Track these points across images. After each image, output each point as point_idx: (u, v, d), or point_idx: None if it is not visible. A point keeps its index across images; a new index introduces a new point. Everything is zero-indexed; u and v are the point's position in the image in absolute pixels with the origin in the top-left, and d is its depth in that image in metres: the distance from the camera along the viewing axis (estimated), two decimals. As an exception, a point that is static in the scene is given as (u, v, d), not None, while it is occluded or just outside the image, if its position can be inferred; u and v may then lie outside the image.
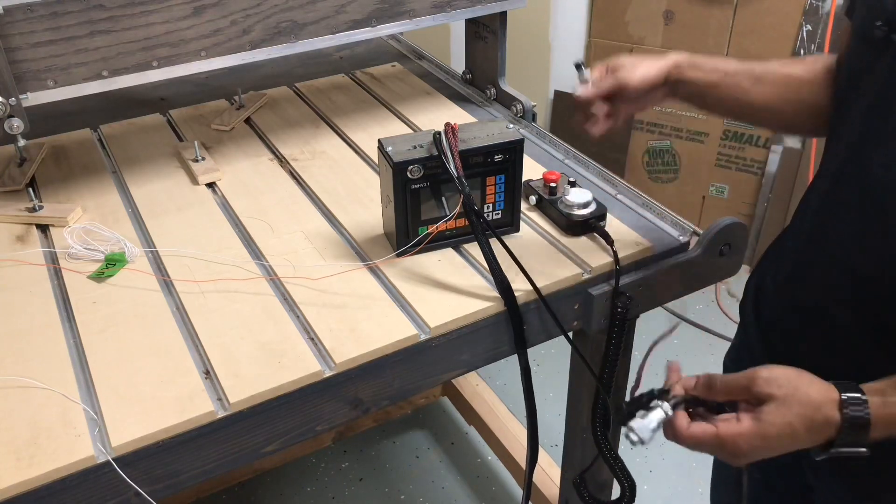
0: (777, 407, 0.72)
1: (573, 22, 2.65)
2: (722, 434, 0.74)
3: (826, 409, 0.71)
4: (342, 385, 0.88)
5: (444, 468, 2.02)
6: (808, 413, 0.72)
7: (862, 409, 0.71)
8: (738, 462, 0.76)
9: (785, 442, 0.72)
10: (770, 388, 0.73)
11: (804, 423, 0.72)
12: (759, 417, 0.73)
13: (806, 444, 0.73)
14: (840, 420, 0.71)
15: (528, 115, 1.40)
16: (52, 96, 1.04)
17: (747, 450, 0.73)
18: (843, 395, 0.71)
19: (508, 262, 0.94)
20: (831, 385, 0.74)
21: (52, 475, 0.75)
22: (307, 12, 1.16)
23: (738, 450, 0.73)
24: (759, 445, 0.73)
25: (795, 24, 2.29)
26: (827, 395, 0.72)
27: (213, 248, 1.06)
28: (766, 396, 0.73)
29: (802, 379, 0.74)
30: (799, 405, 0.72)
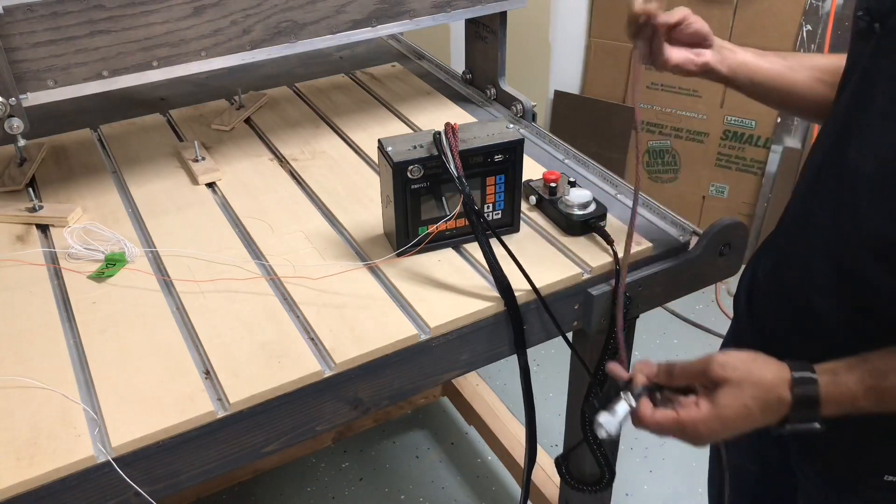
0: (732, 390, 0.76)
1: (573, 22, 2.65)
2: (682, 419, 0.77)
3: (778, 390, 0.75)
4: (342, 385, 0.88)
5: (444, 468, 2.02)
6: (761, 395, 0.75)
7: (812, 389, 0.74)
8: (700, 444, 0.79)
9: (741, 423, 0.76)
10: (725, 372, 0.76)
11: (758, 404, 0.75)
12: (715, 402, 0.76)
13: (761, 423, 0.77)
14: (791, 399, 0.75)
15: (528, 115, 1.40)
16: (52, 96, 1.04)
17: (706, 433, 0.77)
18: (794, 375, 0.75)
19: (508, 262, 0.94)
20: (784, 365, 0.77)
21: (52, 475, 0.75)
22: (307, 12, 1.16)
23: (698, 433, 0.77)
24: (717, 428, 0.76)
25: (795, 24, 2.29)
26: (779, 376, 0.76)
27: (213, 248, 1.06)
28: (721, 380, 0.76)
29: (756, 362, 0.78)
30: (752, 387, 0.75)
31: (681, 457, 2.02)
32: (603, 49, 2.63)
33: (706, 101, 2.51)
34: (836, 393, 0.75)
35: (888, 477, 0.89)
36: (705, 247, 1.03)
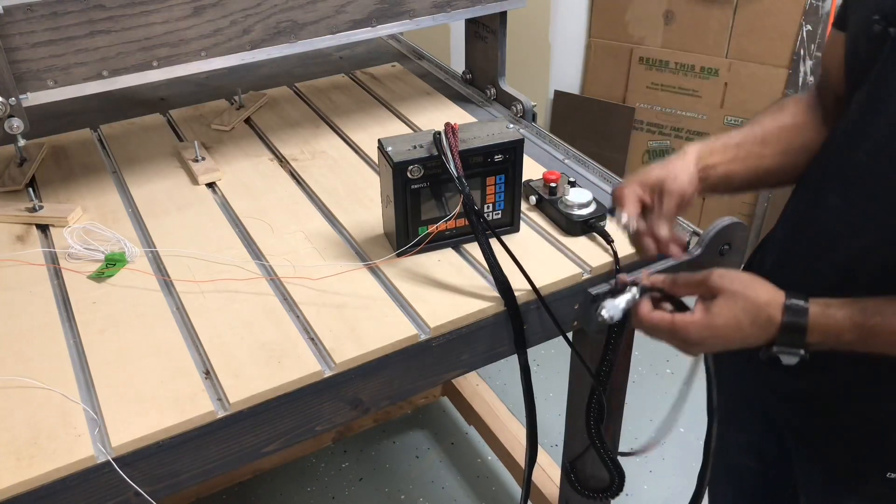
0: (726, 300, 0.78)
1: (573, 22, 2.65)
2: (676, 321, 0.80)
3: (770, 309, 0.77)
4: (342, 385, 0.88)
5: (444, 468, 2.02)
6: (753, 309, 0.77)
7: (802, 314, 0.77)
8: (691, 351, 0.81)
9: (730, 333, 0.78)
10: (722, 282, 0.79)
11: (749, 318, 0.78)
12: (709, 309, 0.79)
13: (751, 339, 0.79)
14: (780, 321, 0.77)
15: (528, 115, 1.40)
16: (52, 96, 1.04)
17: (696, 338, 0.79)
18: (787, 301, 0.77)
19: (508, 262, 0.94)
20: (781, 291, 0.79)
21: (52, 475, 0.75)
22: (307, 12, 1.16)
23: (688, 337, 0.79)
24: (707, 335, 0.79)
25: (795, 24, 2.29)
26: (773, 297, 0.78)
27: (213, 248, 1.06)
28: (717, 290, 0.79)
29: (755, 281, 0.80)
30: (745, 300, 0.78)
31: (681, 457, 2.02)
32: (603, 49, 2.63)
33: (706, 101, 2.51)
34: (823, 323, 0.77)
35: (890, 474, 0.89)
36: (705, 247, 1.02)
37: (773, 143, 0.96)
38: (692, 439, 1.92)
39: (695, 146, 0.95)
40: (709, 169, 0.93)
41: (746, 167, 0.95)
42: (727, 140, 0.96)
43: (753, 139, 0.96)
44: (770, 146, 0.96)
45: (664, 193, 0.88)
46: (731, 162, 0.94)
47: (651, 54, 2.55)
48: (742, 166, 0.95)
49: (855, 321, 0.77)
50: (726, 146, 0.95)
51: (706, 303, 0.80)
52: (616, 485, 1.15)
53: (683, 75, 2.52)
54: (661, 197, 0.88)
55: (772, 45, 2.35)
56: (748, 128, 0.98)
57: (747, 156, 0.95)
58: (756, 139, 0.96)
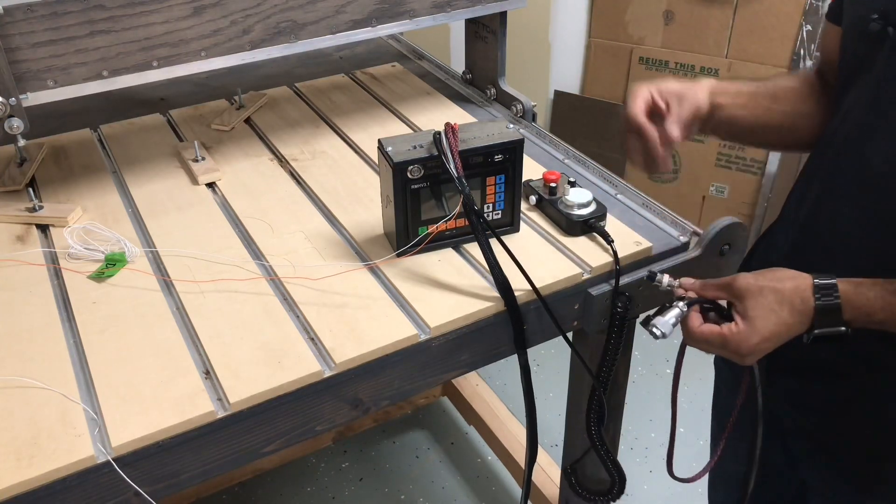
0: (755, 299, 0.79)
1: (573, 22, 2.65)
2: (726, 334, 0.80)
3: (801, 293, 0.78)
4: (342, 385, 0.88)
5: (444, 468, 2.02)
6: (786, 298, 0.78)
7: (833, 293, 0.77)
8: (746, 361, 0.81)
9: (776, 329, 0.78)
10: (748, 281, 0.80)
11: (787, 309, 0.78)
12: (745, 314, 0.79)
13: (795, 328, 0.79)
14: (814, 302, 0.77)
15: (528, 115, 1.40)
16: (52, 96, 1.03)
17: (748, 348, 0.79)
18: (816, 281, 0.77)
19: (508, 262, 0.94)
20: (803, 273, 0.79)
21: (52, 475, 0.75)
22: (307, 12, 1.16)
23: (738, 347, 0.79)
24: (757, 341, 0.79)
25: (795, 24, 2.29)
26: (799, 282, 0.78)
27: (213, 248, 1.06)
28: (743, 292, 0.80)
29: (776, 272, 0.81)
30: (772, 292, 0.78)
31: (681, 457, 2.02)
32: (603, 49, 2.63)
33: (706, 101, 2.51)
34: (855, 301, 0.77)
35: None
36: (706, 247, 1.03)
37: (783, 100, 0.97)
38: (692, 439, 1.92)
39: (709, 81, 0.95)
40: (717, 108, 0.94)
41: (753, 116, 0.95)
42: (740, 86, 0.96)
43: (765, 92, 0.97)
44: (779, 102, 0.97)
45: (683, 99, 0.88)
46: (740, 107, 0.95)
47: (651, 54, 2.55)
48: (748, 114, 0.95)
49: (886, 300, 0.76)
50: (739, 91, 0.96)
51: (739, 308, 0.80)
52: (617, 487, 1.14)
53: (683, 75, 2.52)
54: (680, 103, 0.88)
55: (772, 45, 2.35)
56: (762, 83, 0.99)
57: (756, 106, 0.96)
58: (768, 92, 0.97)
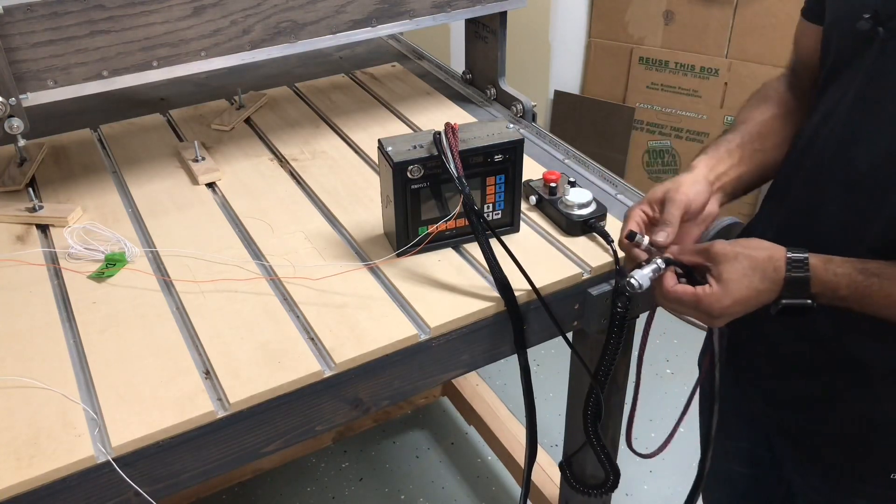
0: (730, 263, 0.80)
1: (573, 22, 2.65)
2: (699, 294, 0.81)
3: (773, 262, 0.80)
4: (342, 385, 0.88)
5: (444, 468, 2.02)
6: (757, 265, 0.80)
7: (803, 266, 0.79)
8: (715, 322, 0.83)
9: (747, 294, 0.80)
10: (724, 247, 0.81)
11: (758, 275, 0.80)
12: (719, 277, 0.81)
13: (764, 295, 0.80)
14: (785, 273, 0.79)
15: (528, 115, 1.40)
16: (52, 96, 1.04)
17: (719, 309, 0.81)
18: (789, 253, 0.79)
19: (508, 262, 0.94)
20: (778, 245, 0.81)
21: (52, 475, 0.75)
22: (307, 12, 1.16)
23: (711, 309, 0.81)
24: (728, 303, 0.80)
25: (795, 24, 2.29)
26: (773, 252, 0.80)
27: (213, 248, 1.06)
28: (720, 256, 0.81)
29: (751, 241, 0.83)
30: (747, 258, 0.80)
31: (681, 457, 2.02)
32: (603, 49, 2.63)
33: (706, 101, 2.51)
34: (823, 276, 0.78)
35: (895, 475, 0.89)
36: (705, 247, 1.02)
37: (770, 135, 0.96)
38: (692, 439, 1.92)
39: (702, 159, 0.95)
40: (722, 177, 0.93)
41: (754, 165, 0.95)
42: (728, 145, 0.96)
43: (751, 137, 0.96)
44: (769, 139, 0.96)
45: (666, 202, 0.88)
46: (738, 164, 0.94)
47: (651, 54, 2.55)
48: (749, 165, 0.95)
49: (852, 279, 0.78)
50: (730, 151, 0.95)
51: (714, 271, 0.82)
52: (611, 481, 1.15)
53: (683, 75, 2.53)
54: (665, 206, 0.89)
55: (772, 45, 2.35)
56: (742, 127, 0.98)
57: (752, 154, 0.95)
58: (754, 136, 0.96)
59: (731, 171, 0.94)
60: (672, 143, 2.64)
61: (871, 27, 0.78)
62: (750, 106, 1.00)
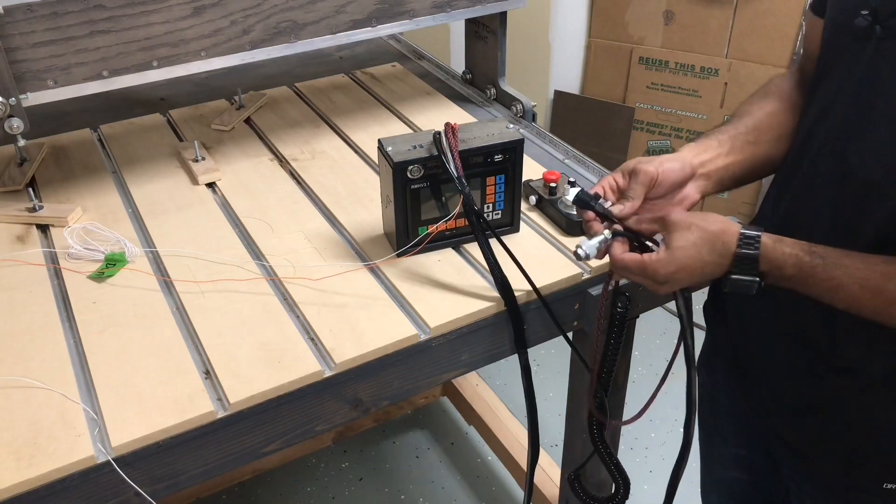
0: (682, 232, 0.81)
1: (573, 22, 2.65)
2: (644, 260, 0.82)
3: (725, 237, 0.80)
4: (342, 385, 0.88)
5: (444, 468, 2.02)
6: (709, 238, 0.80)
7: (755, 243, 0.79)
8: (662, 289, 0.84)
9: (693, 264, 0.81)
10: (679, 216, 0.82)
11: (707, 247, 0.80)
12: (669, 244, 0.81)
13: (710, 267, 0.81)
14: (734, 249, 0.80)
15: (528, 115, 1.40)
16: (52, 96, 1.04)
17: (664, 275, 0.81)
18: (742, 230, 0.80)
19: (508, 262, 0.94)
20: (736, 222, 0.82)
21: (52, 475, 0.75)
22: (307, 12, 1.16)
23: (656, 275, 0.82)
24: (672, 270, 0.81)
25: (795, 24, 2.29)
26: (727, 226, 0.81)
27: (213, 248, 1.06)
28: (674, 224, 0.82)
29: (708, 214, 0.83)
30: (700, 230, 0.80)
31: (681, 457, 2.02)
32: (603, 49, 2.63)
33: (706, 101, 2.51)
34: (771, 255, 0.79)
35: (888, 485, 0.88)
36: (705, 247, 1.02)
37: (766, 130, 0.95)
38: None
39: (688, 146, 0.95)
40: (707, 164, 0.93)
41: (744, 157, 0.95)
42: (719, 135, 0.95)
43: (745, 129, 0.96)
44: (763, 134, 0.95)
45: (633, 174, 0.89)
46: (727, 155, 0.94)
47: (651, 54, 2.55)
48: (739, 156, 0.94)
49: (799, 258, 0.78)
50: (720, 140, 0.95)
51: (666, 238, 0.82)
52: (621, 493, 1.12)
53: (683, 75, 2.53)
54: (631, 179, 0.89)
55: (772, 45, 2.35)
56: (738, 120, 0.97)
57: (742, 146, 0.95)
58: (749, 128, 0.96)
59: (717, 160, 0.93)
60: (672, 143, 2.64)
61: (868, 24, 0.78)
62: (750, 101, 1.00)
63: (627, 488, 1.09)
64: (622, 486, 1.09)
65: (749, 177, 0.96)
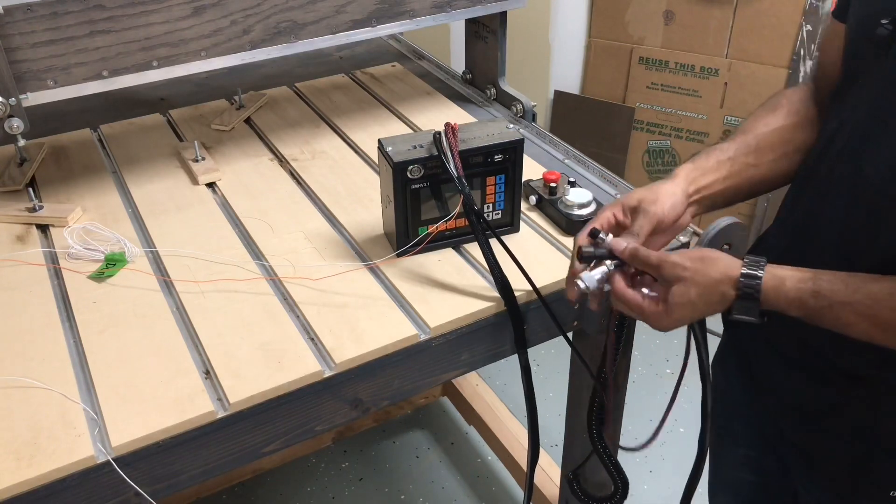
0: (681, 288, 0.81)
1: (573, 22, 2.65)
2: (644, 307, 0.83)
3: (722, 287, 0.80)
4: (342, 385, 0.88)
5: (444, 468, 2.02)
6: (706, 293, 0.80)
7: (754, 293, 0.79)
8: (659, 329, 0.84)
9: (692, 313, 0.82)
10: (676, 271, 0.81)
11: (703, 300, 0.81)
12: (665, 298, 0.82)
13: (712, 310, 0.82)
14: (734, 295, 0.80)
15: (528, 115, 1.40)
16: (52, 96, 1.04)
17: (661, 326, 0.83)
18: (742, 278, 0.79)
19: (508, 262, 0.94)
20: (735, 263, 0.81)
21: (52, 475, 0.75)
22: (307, 12, 1.16)
23: (657, 325, 0.83)
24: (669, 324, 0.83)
25: (795, 24, 2.29)
26: (726, 274, 0.80)
27: (213, 248, 1.06)
28: (673, 279, 0.81)
29: (705, 262, 0.82)
30: (697, 287, 0.80)
31: (681, 457, 2.02)
32: (603, 49, 2.63)
33: (706, 101, 2.51)
34: (773, 301, 0.79)
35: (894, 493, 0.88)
36: (705, 247, 1.02)
37: (767, 150, 0.94)
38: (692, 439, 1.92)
39: (686, 168, 0.93)
40: (703, 190, 0.92)
41: (741, 180, 0.94)
42: (719, 155, 0.94)
43: (746, 150, 0.94)
44: (765, 154, 0.94)
45: (639, 213, 0.88)
46: (725, 179, 0.93)
47: (651, 54, 2.55)
48: (737, 181, 0.93)
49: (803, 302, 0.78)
50: (719, 163, 0.93)
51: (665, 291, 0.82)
52: (620, 492, 1.13)
53: (683, 75, 2.52)
54: (636, 216, 0.88)
55: (772, 45, 2.35)
56: (741, 137, 0.96)
57: (741, 169, 0.93)
58: (749, 149, 0.94)
59: (714, 185, 0.92)
60: (672, 143, 2.64)
61: (889, 33, 0.77)
62: (756, 115, 0.98)
63: (626, 488, 1.09)
64: (621, 486, 1.09)
65: (742, 198, 0.96)
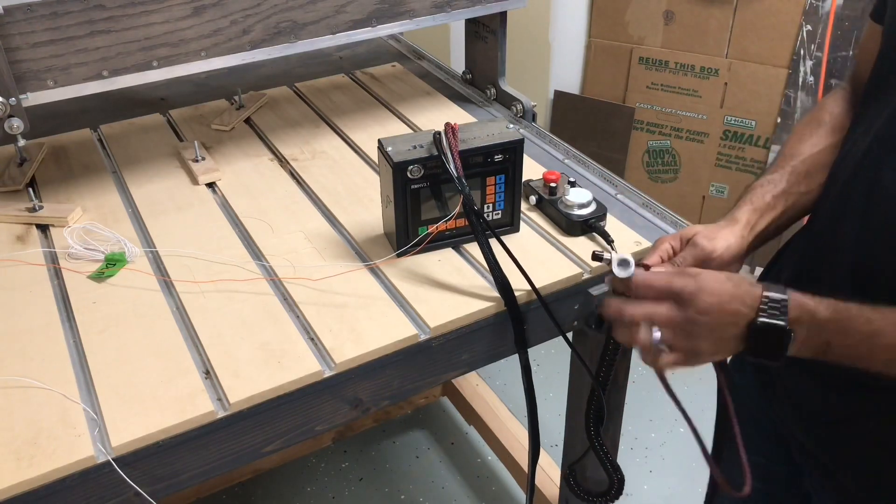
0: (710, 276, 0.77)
1: (573, 22, 2.65)
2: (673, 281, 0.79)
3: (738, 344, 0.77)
4: (342, 385, 0.88)
5: (444, 468, 2.02)
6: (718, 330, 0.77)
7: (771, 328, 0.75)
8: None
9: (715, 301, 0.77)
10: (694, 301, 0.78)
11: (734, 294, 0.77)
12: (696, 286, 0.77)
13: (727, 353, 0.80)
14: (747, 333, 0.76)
15: (528, 115, 1.40)
16: (52, 96, 1.04)
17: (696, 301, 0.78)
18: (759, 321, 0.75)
19: (508, 262, 0.94)
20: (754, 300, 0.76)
21: (52, 475, 0.75)
22: (307, 12, 1.16)
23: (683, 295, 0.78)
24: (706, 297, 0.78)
25: (795, 24, 2.29)
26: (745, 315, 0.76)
27: (213, 248, 1.06)
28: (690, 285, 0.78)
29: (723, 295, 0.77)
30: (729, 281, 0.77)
31: (681, 457, 2.02)
32: (603, 49, 2.63)
33: (706, 101, 2.51)
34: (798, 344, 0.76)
35: None
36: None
37: (819, 173, 0.92)
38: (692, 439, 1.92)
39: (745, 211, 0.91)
40: (761, 233, 0.92)
41: (795, 211, 0.93)
42: (773, 189, 0.92)
43: (797, 178, 0.93)
44: (815, 179, 0.93)
45: (690, 245, 0.87)
46: (781, 216, 0.92)
47: (651, 54, 2.55)
48: (791, 213, 0.93)
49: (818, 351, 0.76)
50: (775, 199, 0.92)
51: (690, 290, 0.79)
52: (615, 489, 1.14)
53: (683, 75, 2.52)
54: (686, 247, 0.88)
55: (772, 45, 2.35)
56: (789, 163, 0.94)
57: (796, 200, 0.93)
58: (800, 177, 0.93)
59: (771, 224, 0.92)
60: (672, 143, 2.64)
61: None
62: (800, 135, 0.95)
63: (622, 484, 1.10)
64: (616, 482, 1.10)
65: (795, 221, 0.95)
